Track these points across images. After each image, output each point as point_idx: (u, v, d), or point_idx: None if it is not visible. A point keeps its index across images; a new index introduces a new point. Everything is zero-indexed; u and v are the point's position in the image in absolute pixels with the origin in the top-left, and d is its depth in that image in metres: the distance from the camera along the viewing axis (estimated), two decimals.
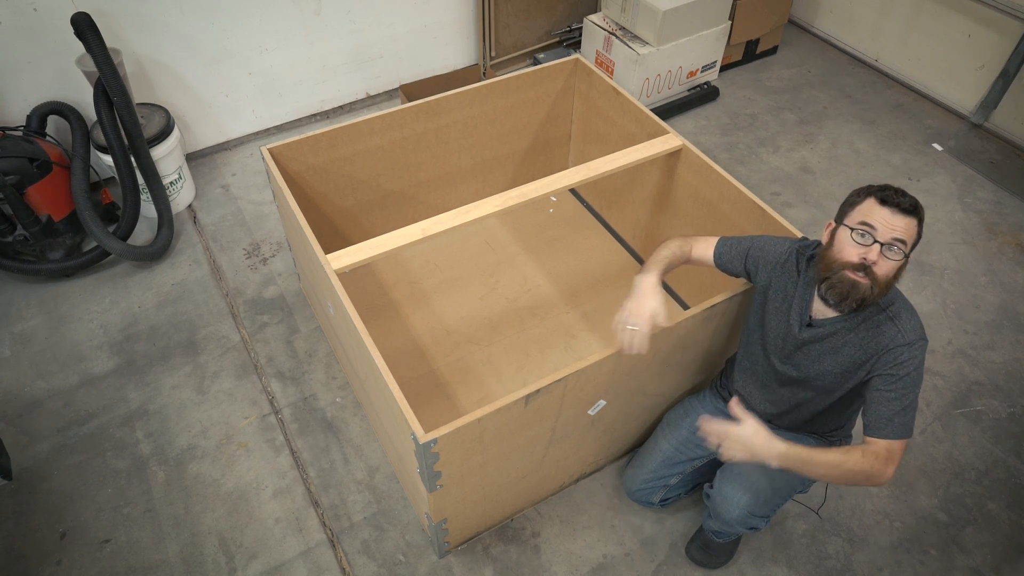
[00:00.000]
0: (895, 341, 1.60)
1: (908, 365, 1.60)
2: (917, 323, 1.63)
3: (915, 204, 1.53)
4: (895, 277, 1.56)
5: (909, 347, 1.60)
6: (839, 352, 1.68)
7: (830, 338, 1.68)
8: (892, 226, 1.51)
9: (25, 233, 2.70)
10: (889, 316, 1.62)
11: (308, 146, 2.36)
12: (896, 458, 1.64)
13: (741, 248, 1.83)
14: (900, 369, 1.60)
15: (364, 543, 2.13)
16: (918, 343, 1.60)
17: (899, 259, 1.54)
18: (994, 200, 3.24)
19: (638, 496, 2.13)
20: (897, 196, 1.53)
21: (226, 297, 2.76)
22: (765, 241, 1.82)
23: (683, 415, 2.08)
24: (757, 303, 1.84)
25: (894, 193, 1.53)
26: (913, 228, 1.53)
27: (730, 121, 3.64)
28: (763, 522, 1.91)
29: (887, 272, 1.54)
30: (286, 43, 3.18)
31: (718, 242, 1.88)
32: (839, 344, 1.67)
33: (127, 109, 2.62)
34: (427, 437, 1.57)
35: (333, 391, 2.49)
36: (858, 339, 1.65)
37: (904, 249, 1.53)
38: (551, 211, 3.09)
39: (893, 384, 1.61)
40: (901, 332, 1.61)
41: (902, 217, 1.51)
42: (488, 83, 2.59)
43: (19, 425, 2.38)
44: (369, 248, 1.98)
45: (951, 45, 3.56)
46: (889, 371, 1.61)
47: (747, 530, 1.93)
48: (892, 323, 1.62)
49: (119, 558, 2.09)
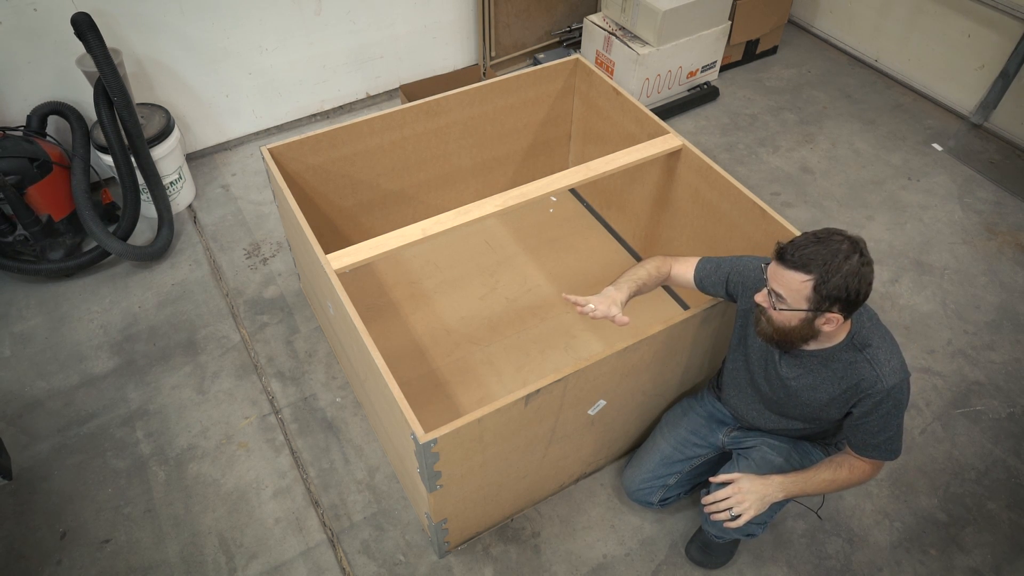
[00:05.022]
0: (875, 387, 1.60)
1: (888, 405, 1.61)
2: (897, 363, 1.61)
3: (805, 261, 1.48)
4: (798, 329, 1.55)
5: (888, 393, 1.59)
6: (817, 389, 1.69)
7: (807, 374, 1.69)
8: (775, 277, 1.54)
9: (25, 233, 2.70)
10: (867, 358, 1.60)
11: (308, 146, 2.36)
12: (882, 463, 1.73)
13: (721, 272, 1.81)
14: (880, 408, 1.62)
15: (364, 543, 2.13)
16: (899, 385, 1.60)
17: (781, 309, 1.54)
18: (994, 200, 3.24)
19: (637, 496, 2.13)
20: (790, 250, 1.50)
21: (226, 297, 2.76)
22: (744, 265, 1.79)
23: (681, 415, 2.09)
24: (739, 325, 1.84)
25: (790, 247, 1.51)
26: (796, 282, 1.50)
27: (730, 121, 3.64)
28: (760, 528, 1.93)
29: (778, 320, 1.57)
30: (286, 43, 3.18)
31: (698, 264, 1.86)
32: (817, 381, 1.68)
33: (127, 109, 2.62)
34: (427, 437, 1.57)
35: (333, 391, 2.49)
36: (833, 375, 1.65)
37: (780, 304, 1.54)
38: (551, 211, 3.09)
39: (877, 420, 1.64)
40: (880, 377, 1.59)
41: (784, 270, 1.51)
42: (488, 83, 2.59)
43: (19, 425, 2.38)
44: (369, 248, 1.98)
45: (951, 45, 3.56)
46: (871, 410, 1.63)
47: (744, 536, 1.95)
48: (870, 366, 1.60)
49: (119, 558, 2.09)
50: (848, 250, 1.48)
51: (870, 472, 1.73)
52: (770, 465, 1.86)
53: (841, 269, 1.47)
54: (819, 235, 1.52)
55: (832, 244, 1.49)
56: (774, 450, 1.89)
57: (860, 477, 1.73)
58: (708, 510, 1.81)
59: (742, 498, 1.74)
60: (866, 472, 1.73)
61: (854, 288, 1.48)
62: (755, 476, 1.77)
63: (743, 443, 1.96)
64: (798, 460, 1.87)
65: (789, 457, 1.87)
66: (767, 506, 1.74)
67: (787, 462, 1.86)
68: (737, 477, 1.78)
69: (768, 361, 1.77)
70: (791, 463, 1.86)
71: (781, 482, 1.75)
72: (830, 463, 1.75)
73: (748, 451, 1.93)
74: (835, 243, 1.49)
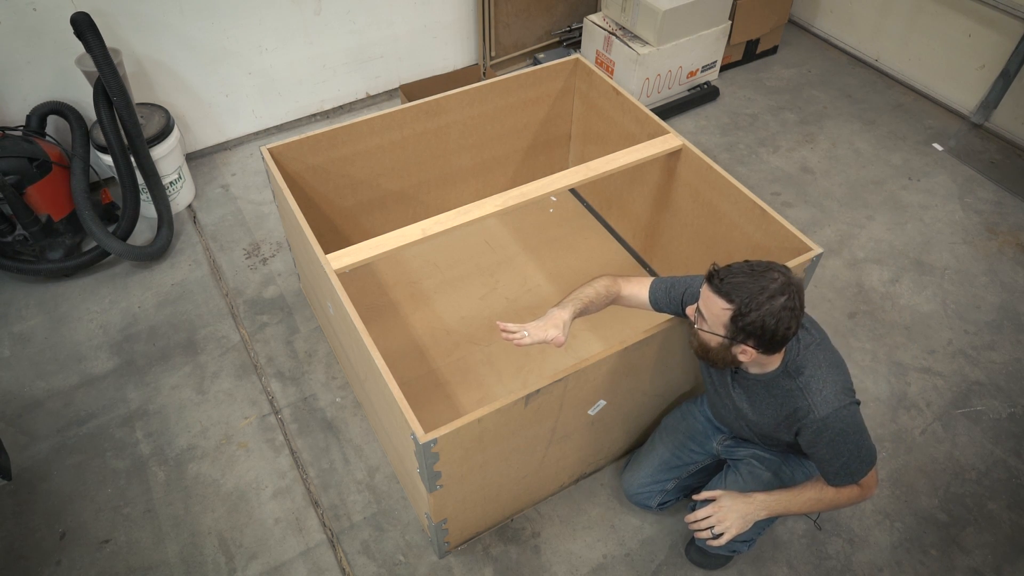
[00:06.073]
0: (808, 417, 1.58)
1: (828, 434, 1.58)
2: (831, 392, 1.57)
3: (729, 289, 1.47)
4: (717, 351, 1.56)
5: (824, 423, 1.57)
6: (763, 413, 1.70)
7: (753, 397, 1.70)
8: (703, 297, 1.55)
9: (25, 233, 2.69)
10: (799, 386, 1.59)
11: (308, 146, 2.36)
12: (868, 483, 1.68)
13: (676, 292, 1.77)
14: (822, 437, 1.59)
15: (364, 543, 2.13)
16: (834, 415, 1.56)
17: (701, 329, 1.56)
18: (994, 200, 3.24)
19: (637, 500, 2.14)
20: (721, 275, 1.50)
21: (226, 297, 2.76)
22: (698, 285, 1.75)
23: (680, 419, 2.09)
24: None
25: (723, 272, 1.50)
26: (717, 308, 1.50)
27: (730, 121, 3.64)
28: (745, 546, 1.94)
29: (700, 337, 1.58)
30: (286, 43, 3.18)
31: (652, 284, 1.82)
32: (762, 406, 1.69)
33: (127, 109, 2.61)
34: (427, 437, 1.57)
35: (333, 391, 2.49)
36: (774, 400, 1.65)
37: (701, 323, 1.55)
38: (551, 211, 3.09)
39: (824, 449, 1.61)
40: (812, 407, 1.57)
41: (710, 293, 1.52)
42: (488, 83, 2.59)
43: (19, 425, 2.38)
44: (369, 248, 1.98)
45: (951, 45, 3.56)
46: (813, 440, 1.61)
47: (729, 552, 1.96)
48: (802, 395, 1.58)
49: (119, 558, 2.09)
50: (776, 290, 1.45)
51: (859, 493, 1.68)
52: (758, 480, 1.85)
53: (761, 307, 1.44)
54: (756, 267, 1.49)
55: (763, 280, 1.46)
56: (763, 464, 1.88)
57: (849, 498, 1.68)
58: (691, 528, 1.81)
59: (723, 516, 1.74)
60: (854, 493, 1.68)
61: (770, 328, 1.45)
62: (737, 494, 1.76)
63: (735, 453, 1.96)
64: (789, 473, 1.86)
65: (779, 471, 1.86)
66: (750, 524, 1.74)
67: (776, 476, 1.85)
68: (719, 495, 1.78)
69: (721, 382, 1.78)
70: (781, 477, 1.85)
71: (763, 500, 1.73)
72: (816, 482, 1.72)
73: (737, 463, 1.93)
74: (767, 279, 1.46)
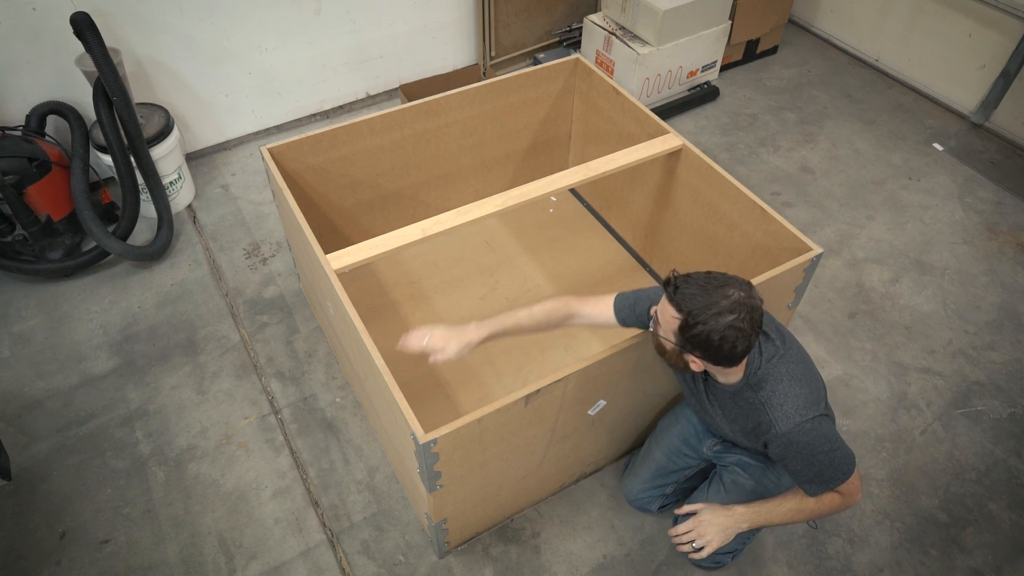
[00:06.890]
0: (771, 431, 1.58)
1: (794, 448, 1.57)
2: (791, 408, 1.55)
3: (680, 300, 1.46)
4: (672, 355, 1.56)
5: (787, 438, 1.55)
6: (733, 421, 1.70)
7: (723, 405, 1.70)
8: (660, 302, 1.55)
9: (24, 233, 2.69)
10: (761, 400, 1.58)
11: (308, 146, 2.36)
12: (850, 490, 1.64)
13: (640, 309, 1.73)
14: (788, 451, 1.58)
15: (364, 543, 2.13)
16: (796, 429, 1.54)
17: (656, 332, 1.57)
18: (995, 200, 3.24)
19: (636, 504, 2.14)
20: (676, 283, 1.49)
21: (226, 297, 2.76)
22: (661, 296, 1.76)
23: (673, 422, 2.08)
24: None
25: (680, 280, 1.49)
26: (668, 315, 1.49)
27: (730, 121, 3.64)
28: (729, 558, 1.95)
29: (657, 340, 1.59)
30: (286, 43, 3.18)
31: (616, 301, 1.77)
32: (731, 414, 1.69)
33: (127, 109, 2.61)
34: (427, 437, 1.57)
35: (333, 391, 2.48)
36: (741, 411, 1.65)
37: (657, 327, 1.56)
38: (551, 211, 3.09)
39: (794, 461, 1.60)
40: (773, 422, 1.56)
41: (664, 300, 1.52)
42: (488, 83, 2.59)
43: (19, 425, 2.38)
44: (369, 248, 1.98)
45: (952, 45, 3.56)
46: (781, 453, 1.60)
47: (713, 565, 1.97)
48: (764, 409, 1.57)
49: (118, 558, 2.09)
50: (726, 308, 1.42)
51: (840, 501, 1.64)
52: (740, 489, 1.85)
53: (707, 323, 1.42)
54: (713, 281, 1.46)
55: (716, 295, 1.43)
56: (746, 471, 1.87)
57: (831, 506, 1.64)
58: (673, 542, 1.82)
59: (704, 531, 1.74)
60: (836, 501, 1.64)
61: (714, 344, 1.43)
62: (718, 507, 1.76)
63: (724, 459, 1.95)
64: (775, 479, 1.85)
65: (761, 479, 1.85)
66: (731, 537, 1.74)
67: (759, 484, 1.85)
68: (700, 508, 1.78)
69: (696, 389, 1.78)
70: (763, 485, 1.85)
71: (744, 513, 1.73)
72: (796, 492, 1.69)
73: (721, 472, 1.93)
74: (719, 295, 1.43)
